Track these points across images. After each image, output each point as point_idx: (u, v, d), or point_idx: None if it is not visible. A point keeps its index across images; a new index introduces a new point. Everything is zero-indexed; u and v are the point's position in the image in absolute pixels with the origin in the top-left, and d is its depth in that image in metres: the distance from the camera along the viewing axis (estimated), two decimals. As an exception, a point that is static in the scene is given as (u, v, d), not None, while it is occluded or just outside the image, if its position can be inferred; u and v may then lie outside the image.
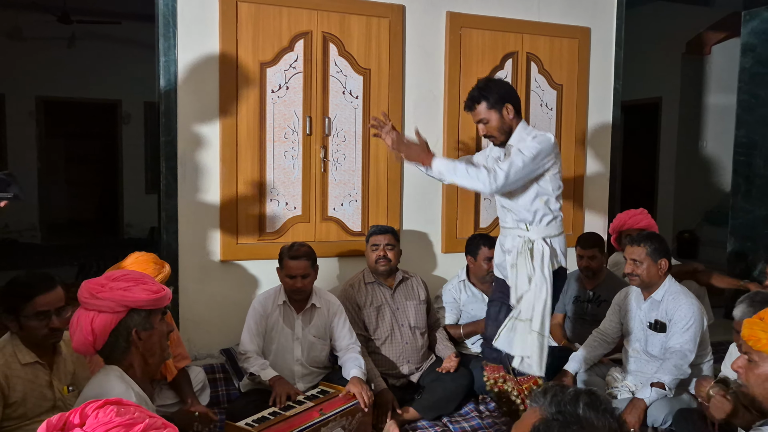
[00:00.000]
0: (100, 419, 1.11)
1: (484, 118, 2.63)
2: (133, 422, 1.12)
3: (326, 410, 2.55)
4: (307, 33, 3.35)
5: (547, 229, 2.64)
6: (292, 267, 2.85)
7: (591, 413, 1.04)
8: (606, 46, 4.04)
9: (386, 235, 3.17)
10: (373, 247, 3.17)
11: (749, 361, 1.60)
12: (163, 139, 3.19)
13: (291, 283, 2.85)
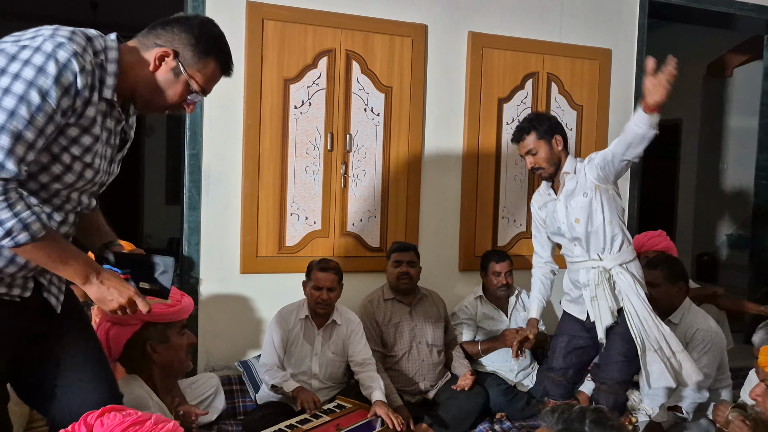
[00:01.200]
0: (109, 424, 1.12)
1: (533, 149, 2.60)
2: (142, 419, 1.14)
3: (343, 425, 2.57)
4: (331, 51, 3.40)
5: (621, 255, 2.59)
6: (321, 278, 2.88)
7: (597, 429, 1.05)
8: (627, 68, 4.05)
9: (408, 252, 3.20)
10: (395, 263, 3.19)
11: (767, 387, 1.59)
12: (188, 152, 3.25)
13: (317, 295, 2.88)
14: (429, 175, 3.64)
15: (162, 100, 1.56)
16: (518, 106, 3.78)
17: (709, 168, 6.86)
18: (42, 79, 1.30)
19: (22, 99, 1.28)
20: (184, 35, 1.51)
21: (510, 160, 3.80)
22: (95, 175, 1.52)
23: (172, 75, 1.52)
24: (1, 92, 1.28)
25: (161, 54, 1.49)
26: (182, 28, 1.52)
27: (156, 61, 1.50)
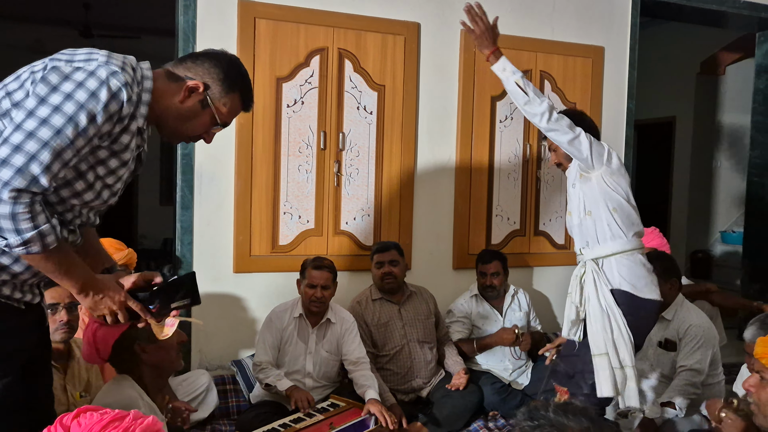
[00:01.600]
0: (87, 423, 1.10)
1: (551, 145, 2.60)
2: (121, 415, 1.13)
3: (336, 424, 2.56)
4: (324, 49, 3.40)
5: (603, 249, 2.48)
6: (315, 276, 2.88)
7: (562, 416, 1.07)
8: (620, 66, 4.06)
9: (390, 252, 3.19)
10: (378, 264, 3.19)
11: (762, 379, 1.60)
12: (180, 152, 3.24)
13: (311, 293, 2.87)
14: (422, 174, 3.64)
15: (187, 130, 1.62)
16: (511, 104, 3.78)
17: (703, 165, 6.89)
18: (93, 103, 1.35)
19: (70, 120, 1.33)
20: (214, 70, 1.58)
21: (503, 157, 3.81)
22: (111, 196, 1.58)
23: (200, 107, 1.58)
24: (51, 109, 1.32)
25: (192, 86, 1.55)
26: (212, 63, 1.59)
27: (186, 92, 1.55)
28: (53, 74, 1.35)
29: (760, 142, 4.76)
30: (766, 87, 4.72)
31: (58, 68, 1.36)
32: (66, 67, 1.37)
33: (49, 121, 1.31)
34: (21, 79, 1.40)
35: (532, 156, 3.88)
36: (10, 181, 1.27)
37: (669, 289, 2.95)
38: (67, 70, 1.36)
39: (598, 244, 2.45)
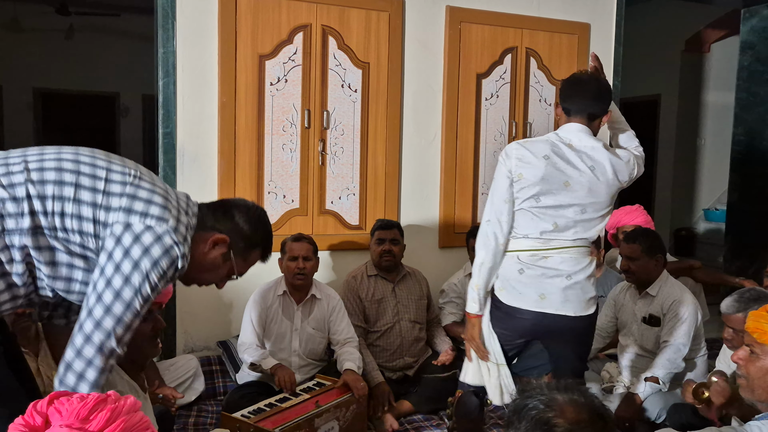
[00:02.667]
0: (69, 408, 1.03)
1: None
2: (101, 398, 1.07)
3: (322, 402, 2.57)
4: (307, 26, 3.34)
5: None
6: (295, 248, 2.87)
7: (554, 391, 1.09)
8: (605, 43, 4.04)
9: (392, 230, 3.18)
10: (378, 241, 3.18)
11: (751, 353, 1.61)
12: (161, 131, 3.18)
13: (293, 266, 2.86)
14: (408, 152, 3.62)
15: (203, 279, 1.68)
16: (497, 82, 3.76)
17: (687, 143, 6.92)
18: (155, 273, 1.45)
19: (137, 293, 1.44)
20: (242, 225, 1.65)
21: (489, 135, 3.79)
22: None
23: (221, 260, 1.64)
24: (123, 281, 1.42)
25: (218, 239, 1.61)
26: (241, 217, 1.66)
27: (211, 244, 1.61)
28: (127, 234, 1.43)
29: (743, 120, 4.78)
30: (750, 64, 4.73)
31: (131, 226, 1.44)
32: (138, 226, 1.45)
33: (121, 295, 1.42)
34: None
35: (518, 134, 3.86)
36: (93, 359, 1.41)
37: (654, 266, 2.97)
38: (138, 229, 1.44)
39: None
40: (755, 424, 1.54)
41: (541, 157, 2.18)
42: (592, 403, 1.09)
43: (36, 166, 1.46)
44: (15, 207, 1.42)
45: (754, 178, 4.71)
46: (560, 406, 1.06)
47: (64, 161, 1.48)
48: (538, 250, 2.21)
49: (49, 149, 1.53)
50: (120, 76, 7.73)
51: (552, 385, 1.11)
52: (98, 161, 1.52)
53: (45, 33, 7.47)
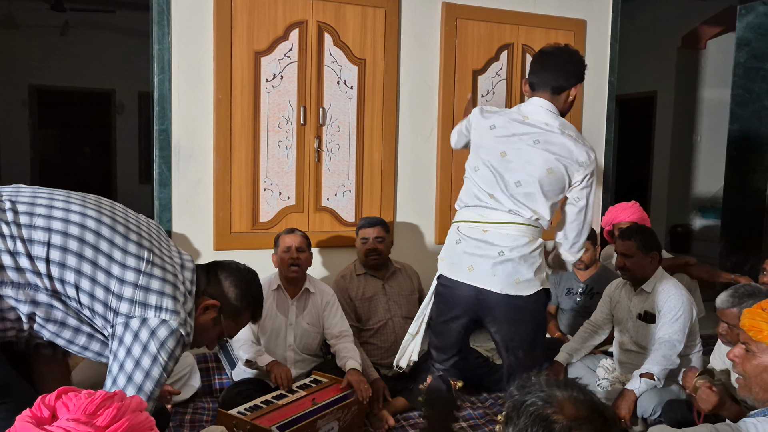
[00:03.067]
0: (77, 403, 1.06)
1: None
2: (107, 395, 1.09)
3: (319, 399, 2.56)
4: (302, 22, 3.33)
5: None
6: (288, 240, 2.88)
7: (553, 387, 1.09)
8: (601, 39, 4.04)
9: (375, 228, 3.16)
10: (363, 240, 3.17)
11: (747, 351, 1.60)
12: (157, 127, 3.18)
13: (287, 257, 2.86)
14: (404, 149, 3.62)
15: (195, 341, 1.70)
16: (493, 78, 3.76)
17: (683, 139, 6.93)
18: (171, 362, 1.55)
19: (157, 383, 1.53)
20: (233, 290, 1.71)
21: (485, 132, 3.78)
22: None
23: (211, 323, 1.69)
24: (144, 375, 1.50)
25: (209, 304, 1.67)
26: (233, 281, 1.72)
27: (202, 309, 1.66)
28: (144, 330, 1.51)
29: (739, 116, 4.79)
30: (746, 60, 4.73)
31: (147, 322, 1.51)
32: (153, 320, 1.51)
33: (143, 389, 1.51)
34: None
35: (514, 130, 3.86)
36: None
37: (650, 263, 2.97)
38: (154, 323, 1.51)
39: None
40: (750, 421, 1.55)
41: (488, 126, 2.17)
42: (591, 399, 1.08)
43: (60, 228, 1.51)
44: (29, 264, 1.49)
45: (750, 175, 4.72)
46: (560, 403, 1.06)
47: (87, 231, 1.53)
48: (476, 222, 2.17)
49: (73, 206, 1.56)
50: (116, 73, 7.71)
51: (551, 381, 1.10)
52: (117, 238, 1.56)
53: (40, 29, 7.44)
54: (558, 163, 2.14)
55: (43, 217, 1.52)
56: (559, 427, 1.03)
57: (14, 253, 1.48)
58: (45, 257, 1.49)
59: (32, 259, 1.49)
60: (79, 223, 1.53)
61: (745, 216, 4.76)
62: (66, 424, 1.02)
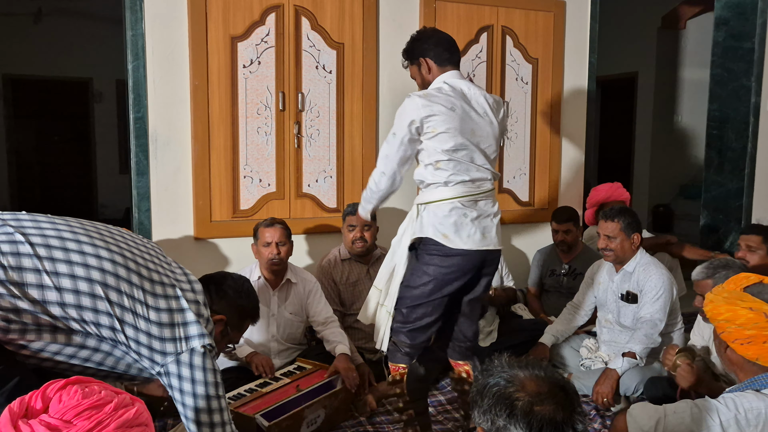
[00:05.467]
0: (66, 402, 1.06)
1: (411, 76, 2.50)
2: (102, 402, 1.08)
3: (303, 386, 2.56)
4: (279, 6, 3.28)
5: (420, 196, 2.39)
6: (268, 233, 2.85)
7: (515, 368, 1.13)
8: (581, 20, 4.02)
9: None
10: (350, 227, 3.15)
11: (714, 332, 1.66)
12: (132, 115, 3.12)
13: (267, 252, 2.83)
14: (384, 133, 3.56)
15: None
16: (473, 61, 3.73)
17: (665, 120, 6.96)
18: (219, 376, 1.68)
19: (219, 398, 1.66)
20: (235, 303, 1.87)
21: (466, 115, 3.77)
22: None
23: (220, 337, 1.82)
24: (216, 398, 1.63)
25: (216, 320, 1.77)
26: (233, 294, 1.87)
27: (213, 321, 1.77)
28: (196, 359, 1.61)
29: (718, 95, 4.80)
30: (724, 40, 4.74)
31: (194, 352, 1.61)
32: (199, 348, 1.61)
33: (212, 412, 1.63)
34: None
35: (495, 113, 3.84)
36: None
37: (631, 244, 2.99)
38: (200, 350, 1.61)
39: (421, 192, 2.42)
40: (729, 396, 1.57)
41: (447, 110, 2.24)
42: (552, 376, 1.12)
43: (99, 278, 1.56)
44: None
45: (729, 154, 4.76)
46: (521, 381, 1.08)
47: (132, 273, 1.60)
48: (475, 194, 2.33)
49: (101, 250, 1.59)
50: (92, 61, 7.57)
51: (513, 362, 1.13)
52: (145, 283, 1.61)
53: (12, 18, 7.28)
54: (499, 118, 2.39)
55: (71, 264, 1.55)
56: (521, 404, 1.05)
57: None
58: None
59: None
60: (112, 272, 1.57)
61: (725, 195, 4.80)
62: (37, 428, 1.01)
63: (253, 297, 1.95)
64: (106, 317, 1.54)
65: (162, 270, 1.68)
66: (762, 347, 1.52)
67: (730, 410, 1.50)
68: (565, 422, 1.04)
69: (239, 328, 1.91)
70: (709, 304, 1.60)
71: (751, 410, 1.48)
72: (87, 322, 1.53)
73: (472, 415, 1.12)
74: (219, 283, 1.87)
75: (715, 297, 1.59)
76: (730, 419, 1.49)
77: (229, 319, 1.83)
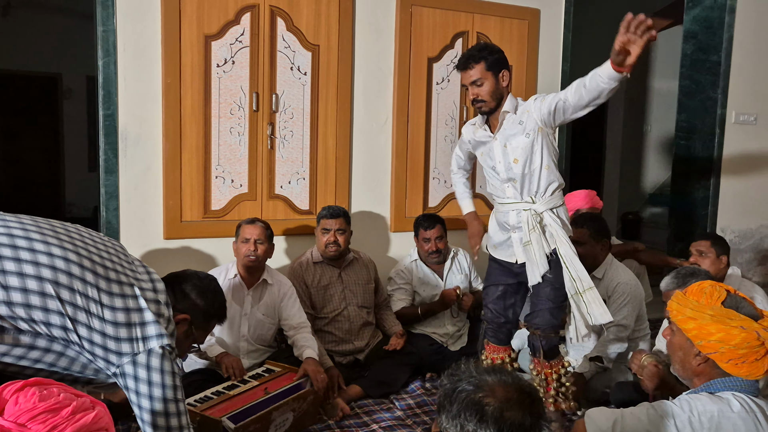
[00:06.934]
0: (22, 405, 1.03)
1: (479, 80, 2.46)
2: (60, 405, 1.06)
3: (271, 389, 2.54)
4: (254, 6, 3.26)
5: (552, 200, 2.51)
6: (248, 230, 2.86)
7: (481, 373, 1.14)
8: (555, 29, 4.08)
9: (337, 220, 3.12)
10: (324, 231, 3.14)
11: (672, 330, 1.68)
12: (102, 112, 3.07)
13: (245, 248, 2.82)
14: (359, 136, 3.59)
15: None
16: (448, 66, 3.76)
17: (635, 129, 7.09)
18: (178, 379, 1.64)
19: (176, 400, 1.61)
20: (200, 301, 1.81)
21: (440, 120, 3.79)
22: None
23: (184, 336, 1.78)
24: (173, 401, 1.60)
25: (179, 320, 1.74)
26: (198, 293, 1.82)
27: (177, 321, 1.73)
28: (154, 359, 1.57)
29: (686, 106, 4.91)
30: (692, 52, 4.85)
31: (153, 352, 1.57)
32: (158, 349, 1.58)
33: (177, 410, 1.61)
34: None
35: (469, 118, 3.87)
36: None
37: (600, 249, 3.04)
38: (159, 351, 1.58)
39: (550, 196, 2.50)
40: (684, 399, 1.60)
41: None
42: (519, 382, 1.13)
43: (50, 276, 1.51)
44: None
45: (696, 163, 4.86)
46: (490, 387, 1.09)
47: (75, 279, 1.53)
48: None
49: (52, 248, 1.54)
50: (62, 56, 7.43)
51: (480, 368, 1.14)
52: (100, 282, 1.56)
53: (-21, 10, 7.10)
54: None
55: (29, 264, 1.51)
56: (491, 409, 1.06)
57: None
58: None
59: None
60: (65, 270, 1.52)
61: (692, 203, 4.91)
62: None
63: (219, 296, 1.91)
64: (57, 316, 1.49)
65: (121, 268, 1.63)
66: (753, 365, 1.54)
67: (685, 412, 1.53)
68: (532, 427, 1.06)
69: (204, 328, 1.87)
70: (690, 321, 1.58)
71: (704, 413, 1.51)
72: (36, 321, 1.48)
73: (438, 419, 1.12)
74: (183, 282, 1.83)
75: (698, 315, 1.57)
76: (684, 421, 1.52)
77: (194, 319, 1.79)
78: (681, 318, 1.61)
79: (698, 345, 1.57)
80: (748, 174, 4.91)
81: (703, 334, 1.56)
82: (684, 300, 1.63)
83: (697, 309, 1.58)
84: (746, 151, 4.86)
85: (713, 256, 2.92)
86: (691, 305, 1.60)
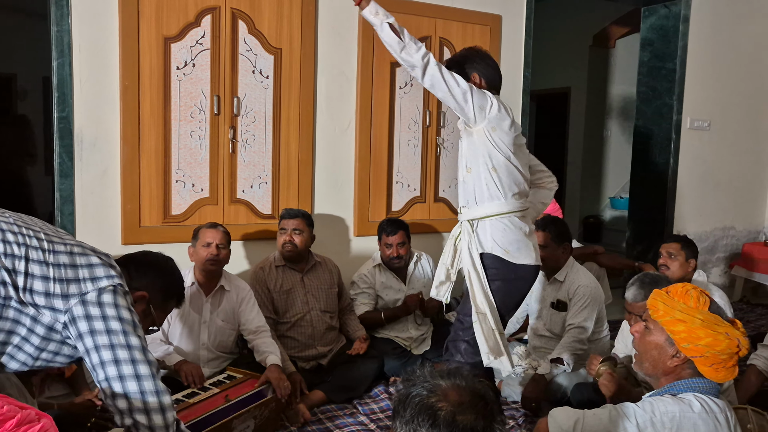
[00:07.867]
0: None
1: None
2: (3, 418, 1.02)
3: (232, 396, 2.49)
4: (215, 8, 3.22)
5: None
6: (209, 236, 2.82)
7: (436, 377, 1.14)
8: (516, 35, 4.13)
9: (295, 220, 3.12)
10: (281, 231, 3.12)
11: (645, 328, 1.69)
12: (57, 114, 2.99)
13: (206, 252, 2.78)
14: (321, 140, 3.57)
15: None
16: (411, 71, 3.76)
17: (595, 134, 7.22)
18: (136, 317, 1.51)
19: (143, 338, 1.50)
20: (158, 280, 1.77)
21: (404, 124, 3.80)
22: None
23: (142, 315, 1.69)
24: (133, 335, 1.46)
25: (137, 297, 1.68)
26: (156, 271, 1.78)
27: (134, 299, 1.65)
28: (106, 296, 1.45)
29: (643, 112, 5.03)
30: (649, 59, 4.97)
31: (104, 290, 1.46)
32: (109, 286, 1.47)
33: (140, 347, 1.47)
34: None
35: (432, 122, 3.89)
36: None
37: (562, 253, 3.08)
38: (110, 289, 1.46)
39: (476, 205, 2.38)
40: (647, 400, 1.63)
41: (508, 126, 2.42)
42: (473, 385, 1.13)
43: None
44: None
45: (652, 168, 4.98)
46: (443, 391, 1.09)
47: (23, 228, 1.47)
48: (523, 210, 2.43)
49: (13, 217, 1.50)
50: (17, 56, 7.21)
51: (435, 372, 1.14)
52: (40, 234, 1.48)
53: (-71, 8, 6.86)
54: None
55: None
56: (443, 414, 1.06)
57: None
58: None
59: None
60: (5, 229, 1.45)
61: (649, 207, 5.02)
62: None
63: (177, 275, 1.85)
64: None
65: (71, 241, 1.52)
66: (728, 369, 1.60)
67: (647, 413, 1.56)
68: (484, 430, 1.05)
69: (163, 308, 1.79)
70: (680, 324, 1.60)
71: (666, 413, 1.54)
72: None
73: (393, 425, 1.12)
74: (140, 260, 1.76)
75: (688, 318, 1.59)
76: (646, 421, 1.54)
77: (152, 297, 1.71)
78: (669, 319, 1.62)
79: (683, 347, 1.60)
80: (702, 178, 5.06)
81: (692, 338, 1.58)
82: (671, 302, 1.63)
83: (688, 312, 1.60)
84: (701, 155, 5.01)
85: (682, 259, 2.99)
86: (680, 308, 1.61)
